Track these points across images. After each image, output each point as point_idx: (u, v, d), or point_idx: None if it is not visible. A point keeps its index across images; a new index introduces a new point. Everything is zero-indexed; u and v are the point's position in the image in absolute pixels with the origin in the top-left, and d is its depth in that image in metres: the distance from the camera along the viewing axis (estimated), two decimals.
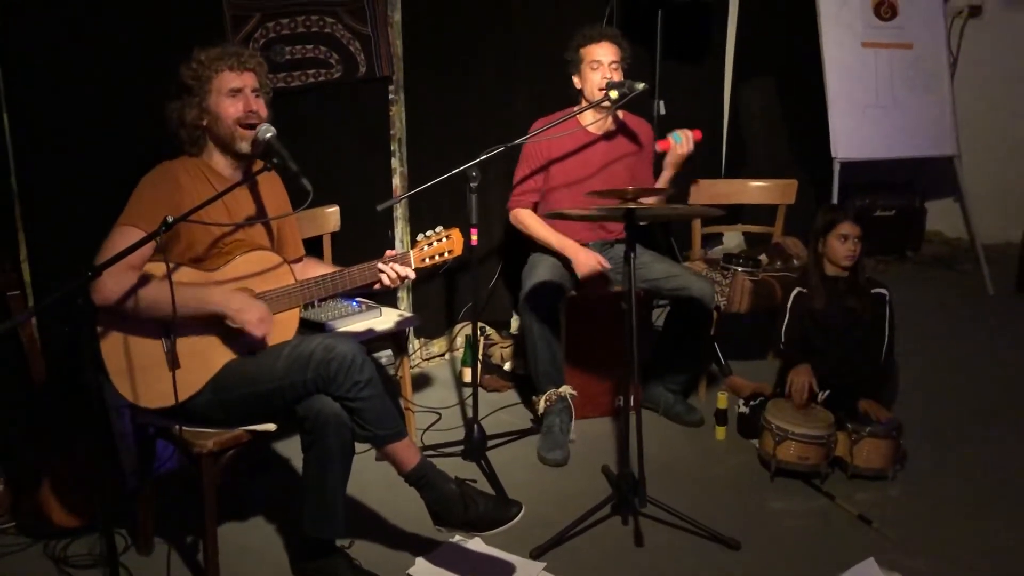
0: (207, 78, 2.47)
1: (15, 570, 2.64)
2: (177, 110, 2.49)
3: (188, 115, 2.48)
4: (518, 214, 3.51)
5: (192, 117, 2.48)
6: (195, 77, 2.47)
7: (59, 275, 2.85)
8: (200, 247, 2.44)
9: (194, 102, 2.47)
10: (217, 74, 2.47)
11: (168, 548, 2.57)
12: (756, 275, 3.67)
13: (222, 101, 2.47)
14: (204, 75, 2.46)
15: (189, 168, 2.50)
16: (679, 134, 3.43)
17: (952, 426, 3.53)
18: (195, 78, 2.47)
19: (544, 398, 3.36)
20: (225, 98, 2.47)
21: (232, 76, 2.48)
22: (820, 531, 2.87)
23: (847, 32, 4.79)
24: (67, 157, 2.87)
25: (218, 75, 2.47)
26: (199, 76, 2.47)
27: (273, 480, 3.15)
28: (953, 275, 5.34)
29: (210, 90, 2.47)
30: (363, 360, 2.38)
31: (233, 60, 2.48)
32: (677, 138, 3.43)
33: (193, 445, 2.41)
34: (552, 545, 2.74)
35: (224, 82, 2.47)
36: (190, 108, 2.47)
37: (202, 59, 2.48)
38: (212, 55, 2.48)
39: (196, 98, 2.47)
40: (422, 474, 2.47)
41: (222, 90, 2.47)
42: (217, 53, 2.49)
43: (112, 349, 2.31)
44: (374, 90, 3.71)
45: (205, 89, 2.47)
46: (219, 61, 2.47)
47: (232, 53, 2.50)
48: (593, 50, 3.40)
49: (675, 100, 4.43)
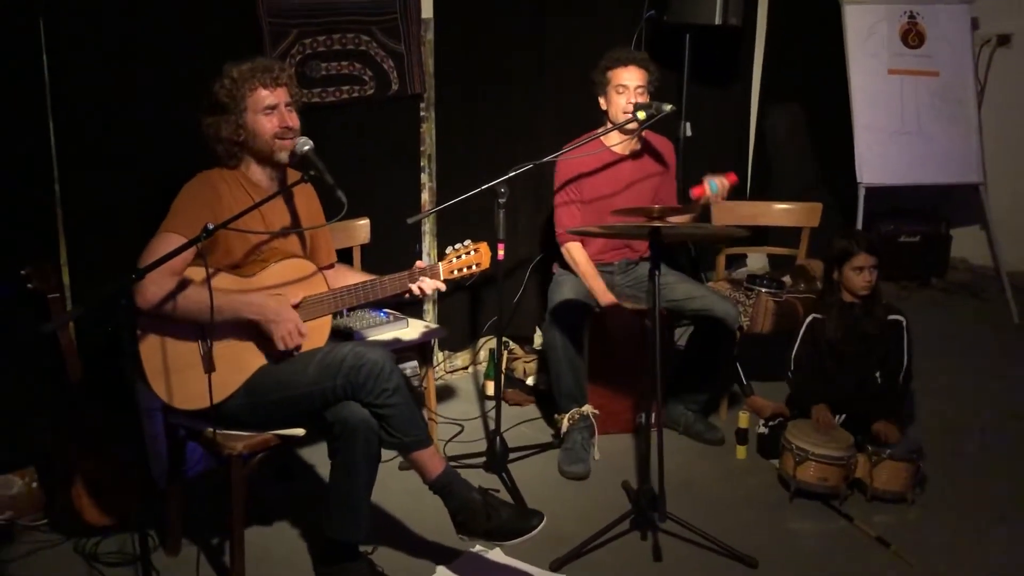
0: (241, 96, 2.51)
1: (47, 566, 2.71)
2: (212, 126, 2.54)
3: (224, 131, 2.53)
4: (571, 249, 3.49)
5: (229, 133, 2.53)
6: (230, 95, 2.51)
7: (96, 279, 2.94)
8: (237, 254, 2.51)
9: (231, 120, 2.52)
10: (252, 92, 2.51)
11: (196, 549, 2.63)
12: (780, 296, 3.69)
13: (258, 118, 2.52)
14: (238, 93, 2.51)
15: (227, 178, 2.56)
16: (715, 183, 3.27)
17: (973, 452, 3.52)
18: (230, 96, 2.51)
19: (567, 417, 3.39)
20: (261, 115, 2.52)
21: (266, 94, 2.52)
22: (838, 552, 2.88)
23: (874, 59, 4.82)
24: (107, 166, 2.96)
25: (252, 93, 2.51)
26: (234, 95, 2.51)
27: (299, 486, 3.20)
28: (977, 303, 5.32)
29: (246, 108, 2.51)
30: (392, 368, 2.44)
31: (266, 77, 2.52)
32: (713, 187, 3.27)
33: (223, 447, 2.46)
34: (571, 558, 2.77)
35: (259, 100, 2.52)
36: (227, 125, 2.52)
37: (235, 76, 2.52)
38: (244, 72, 2.52)
39: (232, 116, 2.51)
40: (446, 482, 2.51)
41: (258, 108, 2.52)
42: (249, 70, 2.53)
43: (150, 351, 2.38)
44: (406, 107, 3.78)
45: (241, 107, 2.51)
46: (252, 79, 2.51)
47: (263, 68, 2.54)
48: (620, 74, 3.44)
49: (702, 123, 4.48)
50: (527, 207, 4.16)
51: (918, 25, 4.91)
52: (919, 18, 4.91)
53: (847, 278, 3.33)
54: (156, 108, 3.00)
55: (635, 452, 3.46)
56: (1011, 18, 5.53)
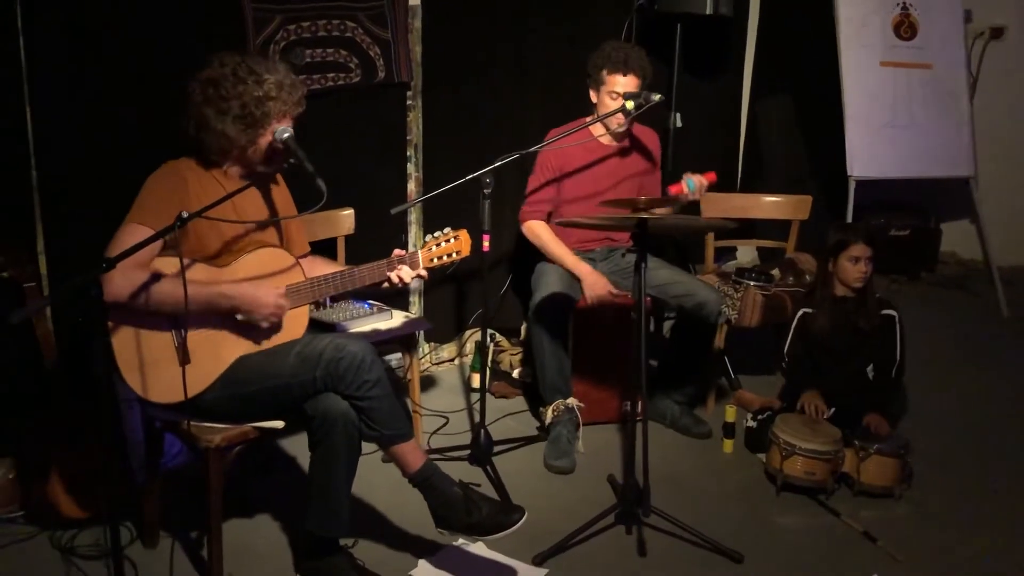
0: (270, 117, 2.42)
1: (22, 559, 2.67)
2: (220, 122, 2.41)
3: (232, 132, 2.41)
4: (532, 226, 3.51)
5: (236, 136, 2.42)
6: (264, 112, 2.40)
7: (74, 268, 2.89)
8: (211, 245, 2.46)
9: (249, 132, 2.42)
10: (279, 119, 2.43)
11: (172, 542, 2.59)
12: (768, 290, 3.67)
13: (271, 139, 2.45)
14: (273, 112, 2.41)
15: (195, 167, 2.50)
16: (693, 181, 3.31)
17: (961, 447, 3.51)
18: (264, 113, 2.40)
19: (551, 409, 3.37)
20: (271, 136, 2.45)
21: (287, 121, 2.46)
22: (824, 547, 2.86)
23: (866, 50, 4.79)
24: (86, 153, 2.91)
25: (280, 120, 2.44)
26: (268, 113, 2.40)
27: (279, 479, 3.17)
28: (967, 297, 5.32)
29: (268, 129, 2.44)
30: (372, 360, 2.40)
31: (299, 109, 2.47)
32: (691, 185, 3.31)
33: (200, 440, 2.43)
34: (555, 552, 2.74)
35: (280, 124, 2.45)
36: (241, 134, 2.41)
37: (275, 96, 2.40)
38: (284, 94, 2.41)
39: (252, 129, 2.42)
40: (426, 476, 2.48)
41: (274, 130, 2.44)
42: (298, 99, 2.44)
43: (123, 343, 2.34)
44: (392, 95, 3.74)
45: (266, 126, 2.42)
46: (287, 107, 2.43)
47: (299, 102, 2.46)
48: (616, 80, 3.35)
49: (692, 113, 4.44)
50: (514, 198, 4.12)
51: (911, 16, 4.88)
52: (912, 9, 4.87)
53: (842, 268, 3.30)
54: (137, 94, 2.95)
55: (621, 445, 3.44)
56: (1004, 11, 5.52)
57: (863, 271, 3.27)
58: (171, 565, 2.36)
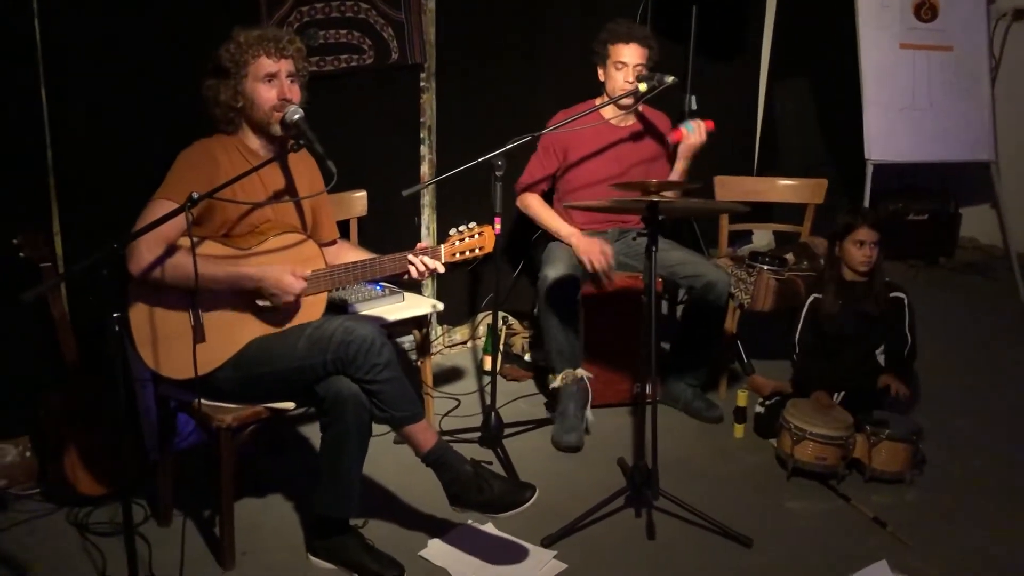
0: (244, 62, 2.47)
1: (39, 535, 2.71)
2: (213, 88, 2.51)
3: (223, 95, 2.49)
4: (525, 198, 3.54)
5: (227, 98, 2.49)
6: (232, 60, 2.47)
7: (89, 248, 2.90)
8: (233, 224, 2.48)
9: (230, 84, 2.48)
10: (254, 59, 2.47)
11: (184, 520, 2.62)
12: (782, 274, 3.64)
13: (257, 86, 2.48)
14: (241, 59, 2.47)
15: (226, 145, 2.53)
16: (691, 124, 3.41)
17: (974, 433, 3.49)
18: (232, 61, 2.47)
19: (560, 376, 3.34)
20: (260, 83, 2.48)
21: (269, 63, 2.48)
22: (834, 532, 2.85)
23: (885, 32, 4.72)
24: (101, 133, 2.93)
25: (255, 60, 2.47)
26: (236, 60, 2.47)
27: (292, 460, 3.19)
28: (986, 282, 5.26)
29: (246, 74, 2.48)
30: (382, 343, 2.41)
31: (271, 46, 2.48)
32: (689, 128, 3.41)
33: (212, 419, 2.45)
34: (564, 534, 2.75)
35: (260, 68, 2.48)
36: (226, 89, 2.49)
37: (241, 42, 2.48)
38: (251, 39, 2.48)
39: (232, 80, 2.48)
40: (439, 455, 2.50)
41: (258, 75, 2.48)
42: (256, 37, 2.49)
43: (140, 319, 2.36)
44: (406, 77, 3.73)
45: (242, 73, 2.48)
46: (257, 46, 2.47)
47: (271, 38, 2.50)
48: (620, 50, 3.39)
49: (708, 96, 4.40)
50: None
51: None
52: None
53: (847, 252, 3.29)
54: (151, 74, 2.96)
55: (632, 428, 3.44)
56: None
57: (868, 255, 3.25)
58: (182, 543, 2.39)
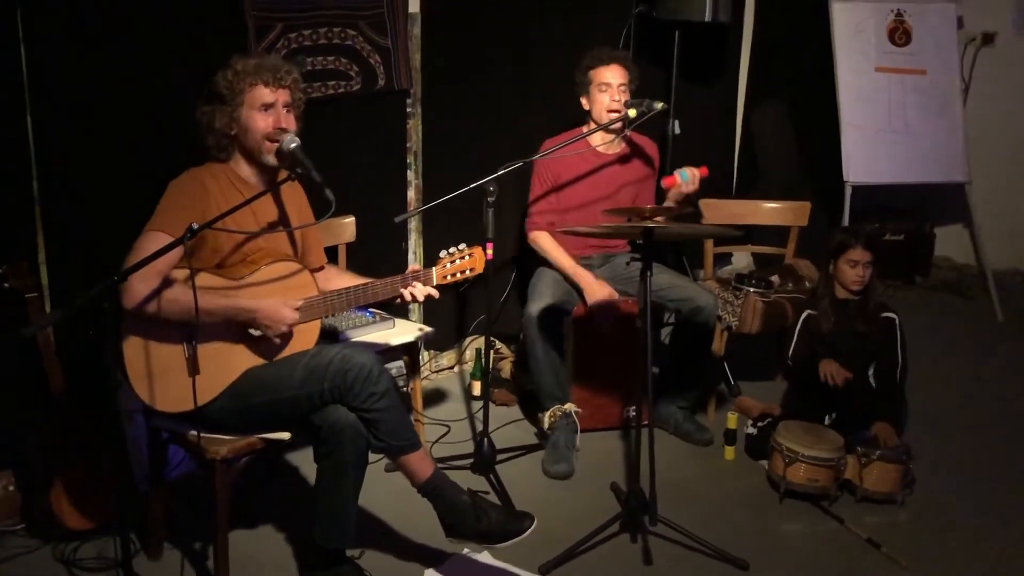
0: (241, 90, 2.46)
1: (25, 572, 2.65)
2: (207, 115, 2.49)
3: (218, 122, 2.48)
4: (536, 238, 3.52)
5: (222, 125, 2.48)
6: (229, 87, 2.46)
7: (76, 279, 2.88)
8: (226, 254, 2.46)
9: (226, 111, 2.47)
10: (252, 88, 2.46)
11: (179, 554, 2.58)
12: (768, 296, 3.67)
13: (253, 115, 2.47)
14: (238, 87, 2.46)
15: (216, 174, 2.51)
16: (686, 172, 3.36)
17: (961, 451, 3.52)
18: (229, 88, 2.46)
19: (548, 414, 3.37)
20: (256, 112, 2.47)
21: (266, 92, 2.47)
22: (828, 554, 2.87)
23: (861, 56, 4.82)
24: (87, 163, 2.89)
25: (252, 89, 2.46)
26: (233, 87, 2.46)
27: (284, 489, 3.15)
28: (961, 301, 5.34)
29: (242, 102, 2.46)
30: (380, 371, 2.40)
31: (269, 76, 2.47)
32: (684, 176, 3.36)
33: (207, 451, 2.42)
34: (561, 561, 2.74)
35: (257, 97, 2.46)
36: (221, 116, 2.47)
37: (239, 70, 2.46)
38: (249, 68, 2.47)
39: (228, 107, 2.46)
40: (435, 485, 2.48)
41: (254, 104, 2.46)
42: (254, 66, 2.47)
43: (133, 353, 2.33)
44: (392, 103, 3.73)
45: (238, 101, 2.46)
46: (255, 75, 2.46)
47: (269, 68, 2.49)
48: (602, 72, 3.43)
49: (689, 120, 4.45)
50: (513, 205, 4.11)
51: (905, 23, 4.91)
52: (906, 16, 4.90)
53: (840, 271, 3.33)
54: (138, 102, 2.94)
55: (623, 452, 3.44)
56: (995, 17, 5.54)
57: (861, 275, 3.30)
58: None
